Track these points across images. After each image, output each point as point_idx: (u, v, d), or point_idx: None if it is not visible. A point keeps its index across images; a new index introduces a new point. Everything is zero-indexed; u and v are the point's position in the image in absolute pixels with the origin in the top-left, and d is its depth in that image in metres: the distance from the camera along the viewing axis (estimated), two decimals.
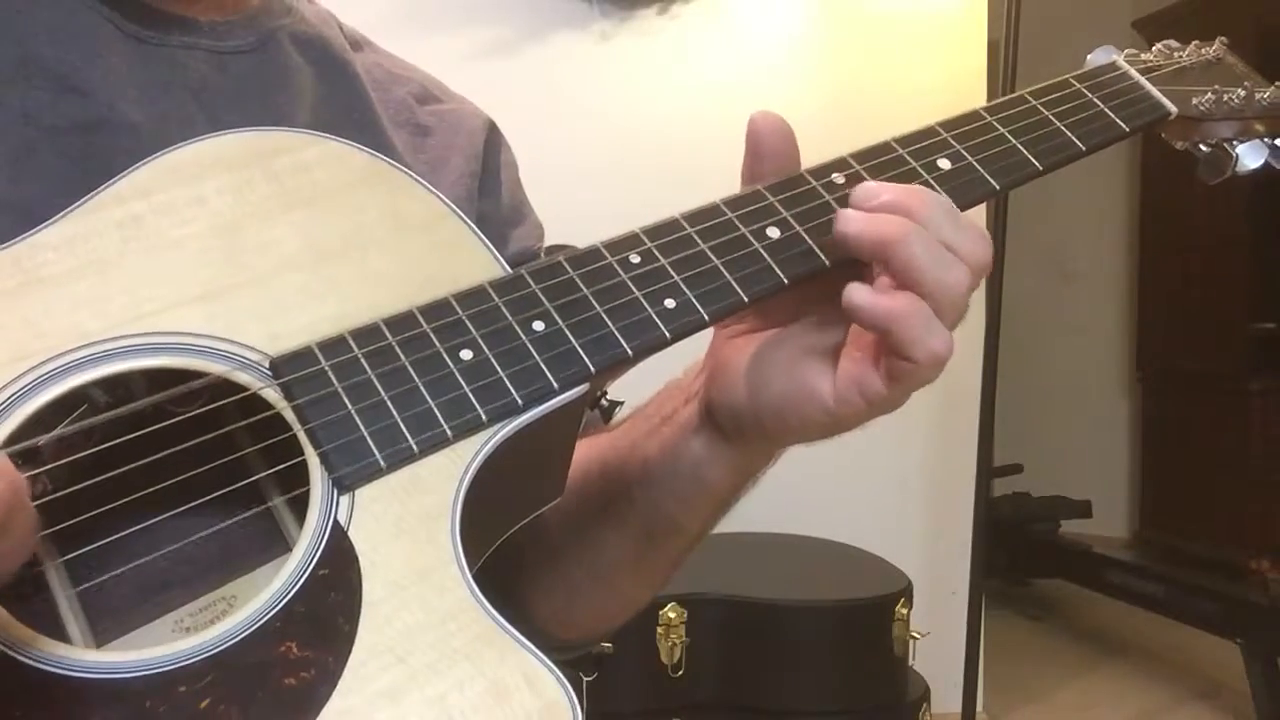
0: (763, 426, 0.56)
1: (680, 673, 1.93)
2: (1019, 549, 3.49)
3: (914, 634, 2.06)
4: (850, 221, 0.52)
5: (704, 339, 0.57)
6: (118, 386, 0.49)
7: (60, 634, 0.46)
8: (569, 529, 0.65)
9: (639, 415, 0.64)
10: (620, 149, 2.39)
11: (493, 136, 0.77)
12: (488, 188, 0.75)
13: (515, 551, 0.66)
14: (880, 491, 2.55)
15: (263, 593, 0.45)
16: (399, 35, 0.80)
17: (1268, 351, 3.50)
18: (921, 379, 0.52)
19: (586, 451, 0.65)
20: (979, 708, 2.44)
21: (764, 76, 2.49)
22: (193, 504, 0.48)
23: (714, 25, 2.48)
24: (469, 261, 0.55)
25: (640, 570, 0.65)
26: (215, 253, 0.53)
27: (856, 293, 0.50)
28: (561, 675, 0.44)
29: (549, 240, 0.77)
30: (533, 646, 0.45)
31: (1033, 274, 3.54)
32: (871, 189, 0.53)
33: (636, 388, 0.72)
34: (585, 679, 1.83)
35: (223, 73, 0.65)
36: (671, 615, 1.91)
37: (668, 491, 0.60)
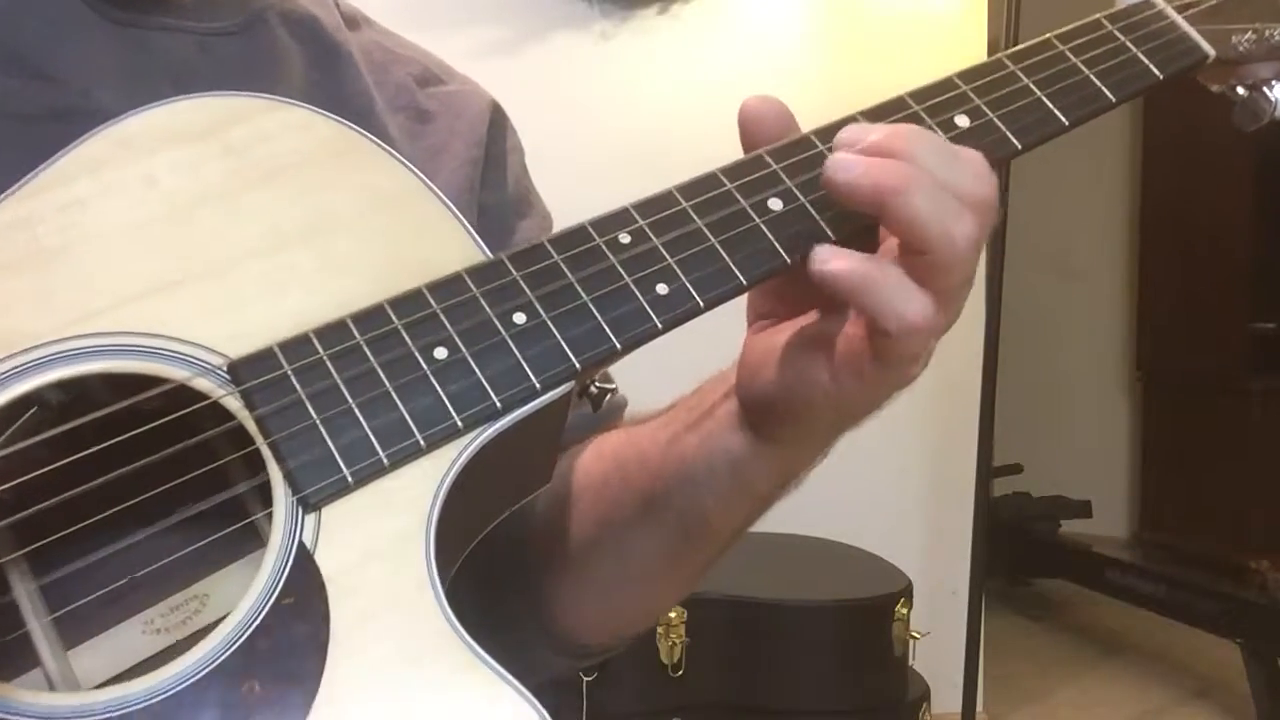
0: (781, 418, 0.53)
1: (680, 672, 1.92)
2: (1019, 549, 3.49)
3: (914, 634, 2.06)
4: (841, 168, 0.46)
5: (705, 320, 0.53)
6: (72, 386, 0.46)
7: (25, 642, 0.43)
8: (602, 526, 0.62)
9: (681, 407, 0.61)
10: (620, 149, 2.39)
11: (497, 119, 0.73)
12: (491, 176, 0.71)
13: (540, 552, 0.64)
14: (880, 491, 2.55)
15: (223, 625, 0.41)
16: (399, 34, 0.79)
17: (1268, 351, 3.49)
18: (907, 352, 0.48)
19: (624, 444, 0.63)
20: (979, 708, 2.43)
21: (764, 76, 2.49)
22: (161, 508, 0.45)
23: (714, 25, 2.48)
24: (445, 244, 0.51)
25: (673, 571, 0.63)
26: (169, 240, 0.48)
27: (820, 253, 0.46)
28: (543, 710, 0.41)
29: None
30: (511, 678, 0.41)
31: (1033, 274, 3.54)
32: (857, 130, 0.48)
33: (634, 376, 0.71)
34: (585, 679, 1.83)
35: (206, 55, 0.62)
36: (671, 615, 1.91)
37: (706, 490, 0.57)
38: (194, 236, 0.49)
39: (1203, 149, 3.43)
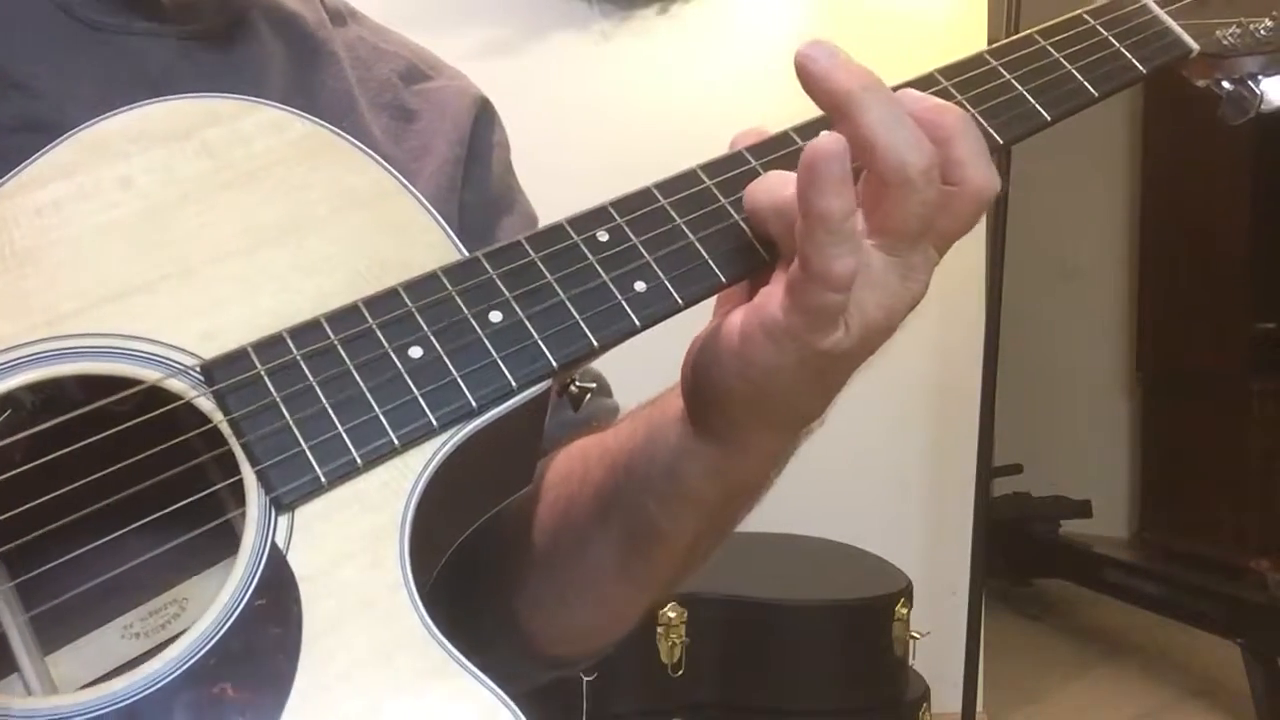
0: (705, 399, 0.51)
1: (680, 672, 1.93)
2: (1019, 549, 3.49)
3: (914, 634, 2.06)
4: (815, 59, 0.46)
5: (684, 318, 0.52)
6: (47, 387, 0.45)
7: (2, 646, 0.43)
8: (561, 523, 0.60)
9: (647, 405, 0.59)
10: (620, 149, 2.38)
11: (483, 115, 0.72)
12: (473, 174, 0.69)
13: (510, 553, 0.62)
14: (880, 491, 2.55)
15: (195, 626, 0.41)
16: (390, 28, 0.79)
17: (1268, 351, 3.49)
18: (814, 306, 0.44)
19: (593, 441, 0.61)
20: (979, 708, 2.43)
21: (764, 76, 2.48)
22: (137, 508, 0.44)
23: (714, 25, 2.48)
24: (421, 243, 0.50)
25: (625, 581, 0.60)
26: (143, 241, 0.48)
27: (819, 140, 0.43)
28: (518, 711, 0.40)
29: None
30: (488, 680, 0.41)
31: (1033, 274, 3.54)
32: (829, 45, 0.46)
33: (626, 376, 0.71)
34: (585, 679, 1.83)
35: (188, 60, 0.60)
36: (671, 615, 1.91)
37: (646, 488, 0.55)
38: (169, 237, 0.48)
39: (1202, 149, 3.43)
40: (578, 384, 0.65)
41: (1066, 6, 0.62)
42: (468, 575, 0.61)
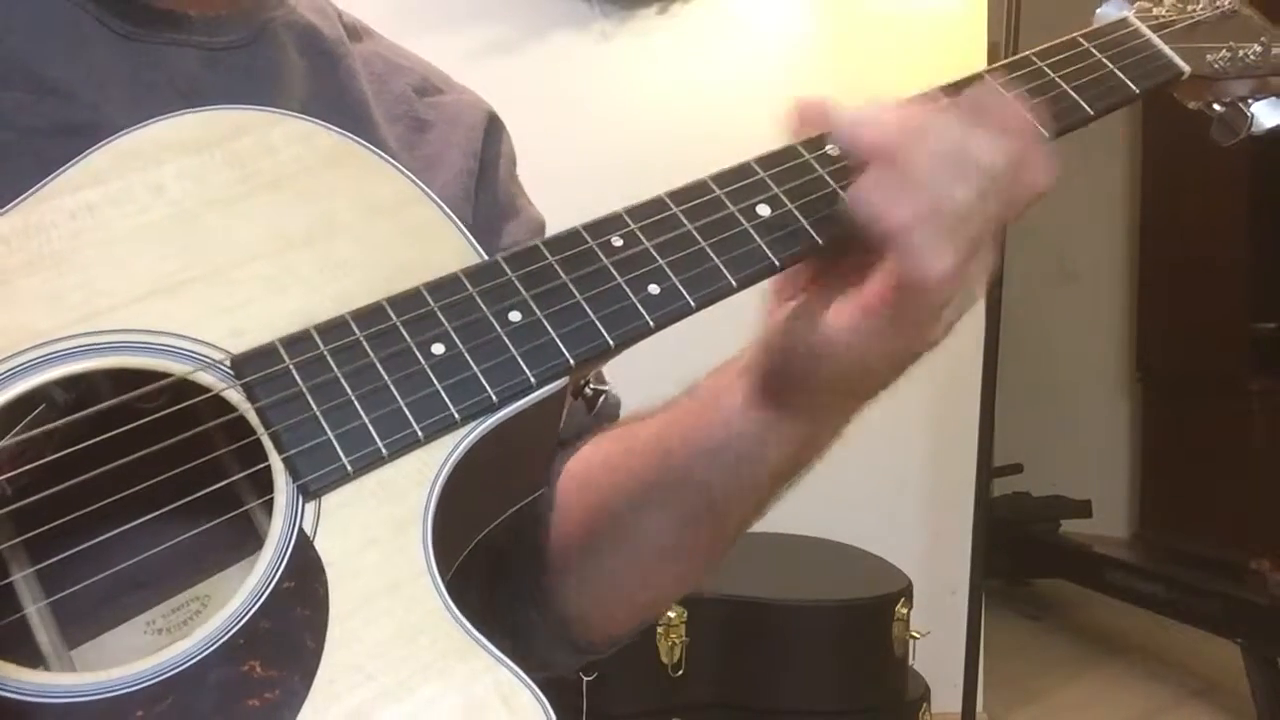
0: (800, 380, 0.54)
1: (680, 672, 1.92)
2: (1019, 549, 3.49)
3: (914, 634, 2.06)
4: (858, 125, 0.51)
5: (694, 321, 0.55)
6: (79, 385, 0.47)
7: (28, 640, 0.44)
8: (613, 508, 0.62)
9: (695, 391, 0.62)
10: (620, 149, 2.39)
11: (492, 128, 0.75)
12: (483, 183, 0.72)
13: (551, 547, 0.64)
14: (880, 491, 2.55)
15: (225, 607, 0.42)
16: (399, 34, 0.80)
17: (1268, 351, 3.48)
18: (919, 307, 0.49)
19: (633, 431, 0.64)
20: (979, 708, 2.43)
21: (764, 77, 2.49)
22: (164, 506, 0.46)
23: (714, 25, 2.48)
24: (442, 247, 0.52)
25: (678, 559, 0.63)
26: (174, 243, 0.50)
27: (858, 186, 0.49)
28: (538, 690, 0.42)
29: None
30: (508, 660, 0.42)
31: (1033, 274, 3.54)
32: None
33: (634, 376, 0.72)
34: (585, 679, 1.83)
35: (213, 70, 0.62)
36: (671, 615, 1.91)
37: (717, 466, 0.58)
38: (199, 239, 0.50)
39: (1201, 150, 3.42)
40: (592, 386, 0.67)
41: (1066, 8, 0.62)
42: (502, 567, 0.64)
